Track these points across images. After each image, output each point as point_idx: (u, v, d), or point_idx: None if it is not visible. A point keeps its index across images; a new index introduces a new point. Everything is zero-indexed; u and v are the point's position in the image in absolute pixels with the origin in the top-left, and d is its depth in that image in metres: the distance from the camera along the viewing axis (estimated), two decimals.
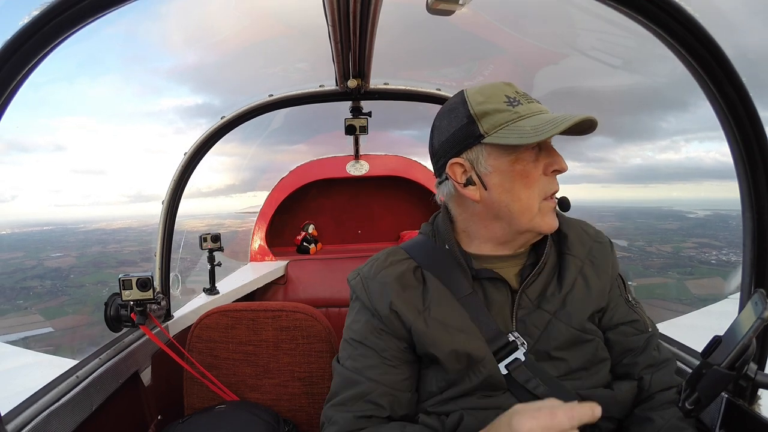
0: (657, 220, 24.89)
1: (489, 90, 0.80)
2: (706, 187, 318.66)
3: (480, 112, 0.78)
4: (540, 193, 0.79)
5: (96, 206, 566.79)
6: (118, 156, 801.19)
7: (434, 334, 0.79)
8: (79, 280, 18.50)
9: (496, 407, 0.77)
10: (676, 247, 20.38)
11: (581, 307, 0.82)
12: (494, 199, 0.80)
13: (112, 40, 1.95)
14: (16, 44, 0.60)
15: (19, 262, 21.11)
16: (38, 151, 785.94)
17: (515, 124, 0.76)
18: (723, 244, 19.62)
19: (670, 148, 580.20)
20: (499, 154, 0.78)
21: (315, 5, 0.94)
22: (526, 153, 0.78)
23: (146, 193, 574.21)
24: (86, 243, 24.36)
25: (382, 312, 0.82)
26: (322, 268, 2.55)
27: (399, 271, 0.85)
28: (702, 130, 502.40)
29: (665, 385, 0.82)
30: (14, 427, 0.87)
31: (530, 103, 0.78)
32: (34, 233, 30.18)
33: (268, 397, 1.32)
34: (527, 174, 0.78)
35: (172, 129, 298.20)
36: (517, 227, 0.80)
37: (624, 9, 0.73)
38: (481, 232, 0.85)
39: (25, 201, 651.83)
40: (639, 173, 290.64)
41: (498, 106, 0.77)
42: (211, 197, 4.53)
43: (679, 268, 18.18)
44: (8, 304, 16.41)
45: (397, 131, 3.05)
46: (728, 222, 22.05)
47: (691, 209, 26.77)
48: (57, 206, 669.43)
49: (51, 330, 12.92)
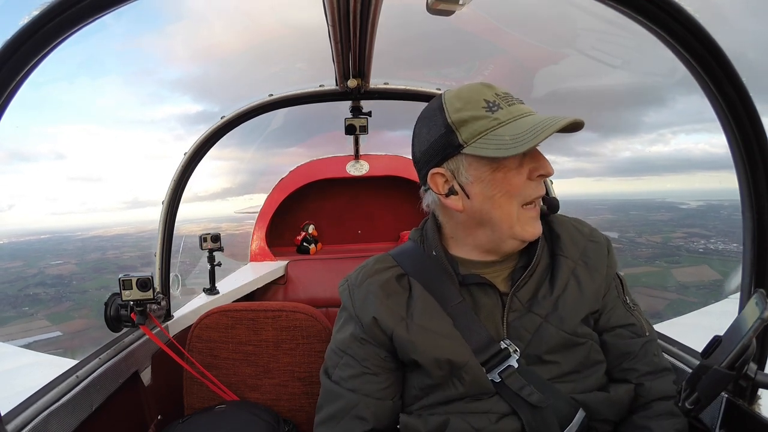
0: (649, 212, 25.20)
1: (467, 94, 0.77)
2: (699, 177, 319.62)
3: (458, 120, 0.76)
4: (520, 200, 0.78)
5: (92, 213, 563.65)
6: (115, 162, 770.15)
7: (415, 340, 0.79)
8: (81, 286, 18.83)
9: (485, 411, 0.78)
10: (665, 237, 20.74)
11: (573, 310, 0.81)
12: (476, 208, 0.79)
13: (111, 41, 1.96)
14: (16, 44, 0.60)
15: (20, 270, 21.45)
16: (38, 159, 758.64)
17: (494, 132, 0.74)
18: (712, 234, 20.05)
19: (659, 140, 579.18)
20: (479, 163, 0.76)
21: (315, 5, 0.94)
22: (508, 160, 0.76)
23: (143, 198, 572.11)
24: (84, 250, 24.72)
25: (365, 320, 0.82)
26: (322, 268, 2.55)
27: (384, 278, 0.85)
28: (687, 122, 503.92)
29: (664, 393, 0.82)
30: (14, 427, 0.87)
31: (511, 106, 0.76)
32: (32, 242, 30.46)
33: (268, 397, 1.32)
34: (508, 181, 0.76)
35: (172, 135, 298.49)
36: (500, 234, 0.80)
37: (624, 9, 0.73)
38: (467, 240, 0.85)
39: (22, 210, 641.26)
40: (631, 166, 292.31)
41: (476, 113, 0.75)
42: (207, 201, 4.54)
43: (667, 257, 18.57)
44: (14, 311, 16.80)
45: (397, 131, 3.05)
46: (719, 212, 22.56)
47: (684, 200, 27.20)
48: (54, 214, 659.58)
49: (59, 334, 13.49)
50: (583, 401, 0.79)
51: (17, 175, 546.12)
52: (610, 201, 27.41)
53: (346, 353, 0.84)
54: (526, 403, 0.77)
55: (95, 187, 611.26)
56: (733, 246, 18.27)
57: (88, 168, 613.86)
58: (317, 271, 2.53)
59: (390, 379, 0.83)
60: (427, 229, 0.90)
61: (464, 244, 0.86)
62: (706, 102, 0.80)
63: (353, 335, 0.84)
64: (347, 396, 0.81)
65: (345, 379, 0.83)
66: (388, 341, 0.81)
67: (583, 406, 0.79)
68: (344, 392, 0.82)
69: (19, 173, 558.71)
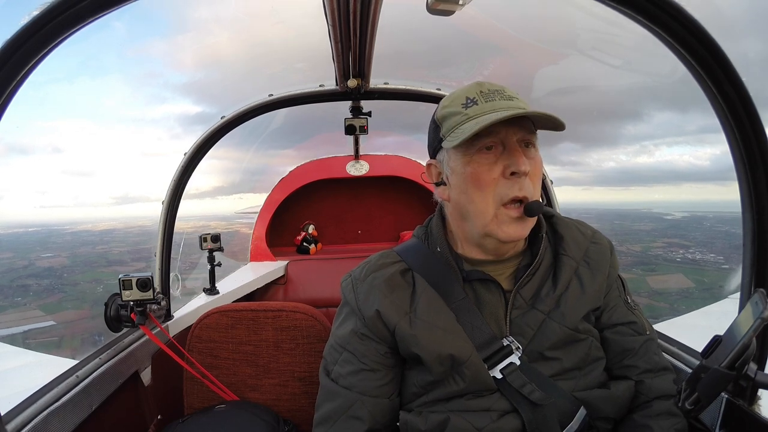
0: (633, 222, 25.86)
1: (458, 93, 0.82)
2: (686, 189, 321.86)
3: (440, 116, 0.82)
4: (496, 198, 0.77)
5: (81, 207, 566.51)
6: (111, 158, 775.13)
7: (418, 334, 0.79)
8: (73, 278, 19.09)
9: (486, 408, 0.78)
10: (645, 246, 21.43)
11: (575, 307, 0.82)
12: (456, 199, 0.82)
13: (111, 40, 1.96)
14: (16, 44, 0.60)
15: (11, 262, 21.67)
16: (36, 152, 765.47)
17: (461, 126, 0.77)
18: (692, 244, 21.04)
19: (643, 152, 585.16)
20: (456, 156, 0.80)
21: (315, 5, 0.94)
22: (480, 155, 0.77)
23: (133, 194, 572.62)
24: (74, 244, 25.05)
25: (367, 314, 0.83)
26: (322, 268, 2.55)
27: (389, 273, 0.86)
28: (668, 135, 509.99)
29: (664, 392, 0.82)
30: (14, 427, 0.87)
31: (489, 102, 0.77)
32: (20, 234, 30.69)
33: (268, 397, 1.32)
34: (478, 176, 0.77)
35: (168, 134, 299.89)
36: (476, 230, 0.80)
37: (624, 9, 0.73)
38: (458, 232, 0.87)
39: (11, 202, 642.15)
40: (619, 176, 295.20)
41: (454, 109, 0.80)
42: (197, 199, 4.59)
43: (644, 265, 19.20)
44: (6, 301, 17.12)
45: (397, 131, 3.05)
46: (702, 223, 23.56)
47: (670, 211, 27.99)
48: (42, 207, 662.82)
49: (53, 323, 13.78)
50: (584, 398, 0.80)
51: (7, 168, 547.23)
52: (595, 210, 27.90)
53: (346, 349, 0.85)
54: (527, 400, 0.77)
55: (86, 182, 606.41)
56: (710, 256, 19.43)
57: (83, 163, 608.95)
58: (317, 271, 2.53)
59: (389, 376, 0.84)
60: (431, 226, 0.91)
61: (459, 238, 0.87)
62: (685, 117, 0.80)
63: (353, 331, 0.84)
64: (344, 394, 0.81)
65: (343, 376, 0.83)
66: (390, 336, 0.82)
67: (584, 403, 0.79)
68: (342, 390, 0.82)
69: (7, 165, 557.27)
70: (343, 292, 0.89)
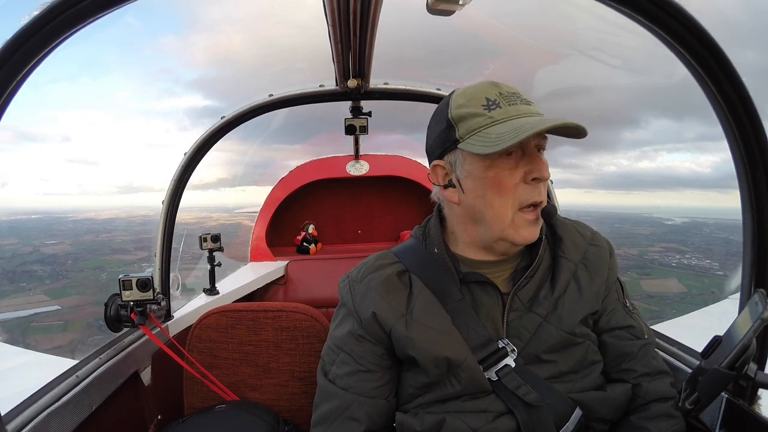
0: (632, 226, 26.04)
1: (472, 92, 0.79)
2: (688, 195, 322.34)
3: (457, 116, 0.78)
4: (515, 203, 0.77)
5: (84, 196, 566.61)
6: (117, 148, 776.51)
7: (414, 337, 0.79)
8: (77, 265, 19.45)
9: (481, 410, 0.78)
10: (642, 250, 21.56)
11: (573, 311, 0.81)
12: (470, 204, 0.80)
13: (111, 40, 1.96)
14: (17, 44, 0.60)
15: (15, 248, 22.03)
16: (45, 140, 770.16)
17: (486, 130, 0.75)
18: (689, 249, 21.30)
19: (645, 157, 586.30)
20: (473, 159, 0.78)
21: (315, 5, 0.94)
22: (501, 160, 0.76)
23: (137, 184, 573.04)
24: (77, 232, 25.39)
25: (364, 316, 0.83)
26: (322, 268, 2.55)
27: (385, 274, 0.85)
28: (669, 141, 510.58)
29: (662, 395, 0.82)
30: (14, 427, 0.87)
31: (512, 105, 0.76)
32: (23, 221, 30.92)
33: (268, 397, 1.32)
34: (500, 181, 0.76)
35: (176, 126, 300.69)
36: (491, 234, 0.80)
37: (624, 9, 0.73)
38: (464, 236, 0.85)
39: (14, 189, 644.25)
40: (620, 180, 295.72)
41: (474, 110, 0.76)
42: (200, 190, 4.59)
43: (639, 269, 19.36)
44: (12, 285, 17.51)
45: (397, 131, 3.06)
46: (702, 229, 23.79)
47: (670, 216, 28.28)
48: (46, 195, 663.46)
49: (58, 307, 14.27)
50: (580, 400, 0.79)
51: (13, 154, 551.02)
52: (596, 213, 28.07)
53: (343, 350, 0.85)
54: (522, 402, 0.77)
55: (90, 170, 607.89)
56: (706, 262, 19.68)
57: (89, 151, 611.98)
58: (317, 271, 2.53)
59: (385, 377, 0.84)
60: (429, 227, 0.91)
61: (462, 241, 0.86)
62: (681, 125, 0.80)
63: (351, 332, 0.84)
64: (341, 395, 0.81)
65: (340, 377, 0.83)
66: (386, 337, 0.82)
67: (580, 404, 0.79)
68: (339, 391, 0.82)
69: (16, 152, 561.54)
70: (340, 294, 0.89)
